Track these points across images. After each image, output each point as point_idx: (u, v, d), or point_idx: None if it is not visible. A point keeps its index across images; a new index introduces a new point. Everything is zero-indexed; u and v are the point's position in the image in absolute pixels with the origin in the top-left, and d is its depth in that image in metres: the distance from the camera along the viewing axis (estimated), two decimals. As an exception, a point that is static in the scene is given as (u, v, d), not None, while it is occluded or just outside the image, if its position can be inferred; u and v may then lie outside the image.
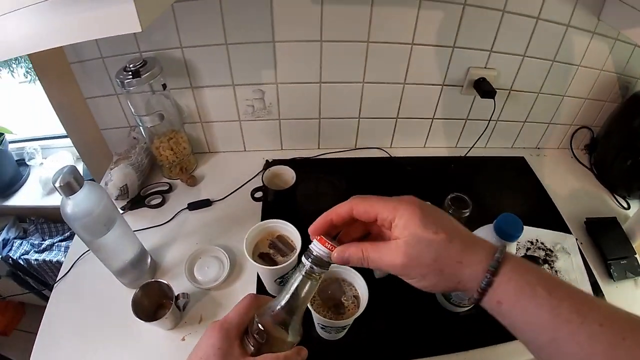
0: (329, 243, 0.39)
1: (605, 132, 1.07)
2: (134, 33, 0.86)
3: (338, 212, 0.40)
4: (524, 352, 0.70)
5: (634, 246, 0.89)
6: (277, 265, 0.68)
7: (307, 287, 0.40)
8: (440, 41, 0.89)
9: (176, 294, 0.73)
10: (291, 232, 0.72)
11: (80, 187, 0.61)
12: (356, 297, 0.64)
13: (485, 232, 0.63)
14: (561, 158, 1.13)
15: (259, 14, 0.82)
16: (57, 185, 0.58)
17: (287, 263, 0.67)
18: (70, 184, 0.59)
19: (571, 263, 0.85)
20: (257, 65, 0.91)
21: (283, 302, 0.41)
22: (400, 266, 0.36)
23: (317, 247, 0.40)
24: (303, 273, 0.40)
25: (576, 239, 0.89)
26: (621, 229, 0.92)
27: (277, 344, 0.40)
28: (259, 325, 0.40)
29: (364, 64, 0.91)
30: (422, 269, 0.36)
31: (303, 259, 0.40)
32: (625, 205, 1.01)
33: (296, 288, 0.40)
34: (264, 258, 0.70)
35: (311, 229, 0.41)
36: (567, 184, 1.05)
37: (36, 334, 0.75)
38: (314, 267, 0.40)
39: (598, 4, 0.85)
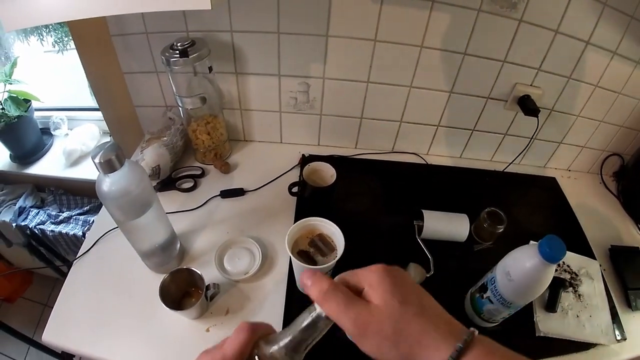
0: None
1: (635, 161, 1.03)
2: (184, 11, 0.82)
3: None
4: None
5: (654, 278, 0.85)
6: (315, 263, 0.64)
7: (317, 330, 0.34)
8: (492, 54, 0.84)
9: (206, 283, 0.68)
10: (333, 232, 0.67)
11: (121, 166, 0.55)
12: None
13: (528, 252, 0.59)
14: (590, 183, 1.09)
15: (316, 6, 0.77)
16: (96, 161, 0.53)
17: (328, 264, 0.63)
18: (111, 161, 0.54)
19: (594, 289, 0.82)
20: (306, 58, 0.86)
21: (287, 342, 0.34)
22: (353, 328, 0.31)
23: None
24: (313, 316, 0.34)
25: (600, 265, 0.85)
26: (644, 260, 0.88)
27: None
28: None
29: (414, 68, 0.86)
30: (378, 339, 0.31)
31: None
32: (648, 236, 0.97)
33: (305, 328, 0.34)
34: (302, 256, 0.65)
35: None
36: (594, 209, 1.01)
37: (42, 304, 0.70)
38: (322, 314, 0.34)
39: (646, 34, 0.81)
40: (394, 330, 0.30)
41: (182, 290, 0.71)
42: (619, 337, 0.74)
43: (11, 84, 1.21)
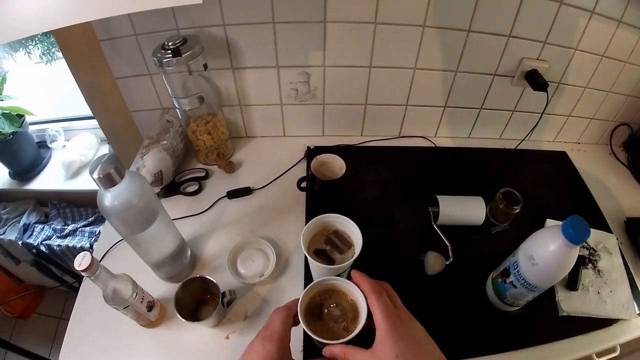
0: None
1: (645, 129, 0.99)
2: (172, 8, 0.76)
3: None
4: (574, 352, 0.63)
5: (671, 248, 0.81)
6: (333, 261, 0.59)
7: None
8: (496, 29, 0.79)
9: (222, 290, 0.63)
10: (349, 227, 0.61)
11: (122, 179, 0.50)
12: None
13: (552, 234, 0.55)
14: (600, 154, 1.04)
15: (311, -9, 0.71)
16: (95, 176, 0.48)
17: (346, 263, 0.57)
18: (110, 175, 0.48)
19: (612, 263, 0.78)
20: (304, 47, 0.80)
21: None
22: None
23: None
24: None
25: (617, 239, 0.81)
26: (659, 230, 0.84)
27: None
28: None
29: (417, 49, 0.81)
30: None
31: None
32: (662, 205, 0.92)
33: None
34: (319, 255, 0.60)
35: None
36: (606, 181, 0.96)
37: (57, 318, 0.65)
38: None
39: (650, 1, 0.76)
40: None
41: (197, 300, 0.67)
42: (639, 311, 0.70)
43: (2, 100, 1.15)
